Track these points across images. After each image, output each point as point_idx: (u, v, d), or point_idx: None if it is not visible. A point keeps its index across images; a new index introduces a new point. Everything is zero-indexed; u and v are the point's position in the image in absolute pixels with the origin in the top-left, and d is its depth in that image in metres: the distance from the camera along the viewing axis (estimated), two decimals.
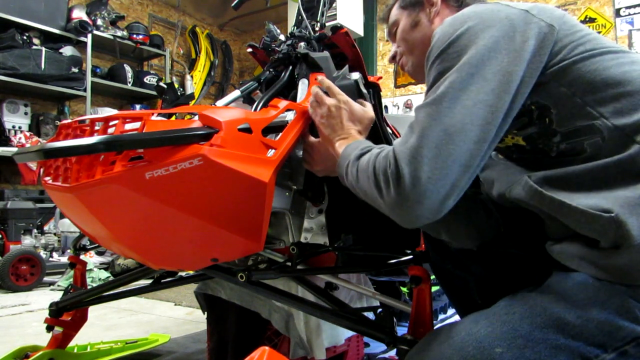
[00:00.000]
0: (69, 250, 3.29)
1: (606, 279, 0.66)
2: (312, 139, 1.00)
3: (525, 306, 0.68)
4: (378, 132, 1.12)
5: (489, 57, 0.68)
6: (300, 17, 1.34)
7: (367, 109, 0.97)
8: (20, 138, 3.95)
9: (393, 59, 1.08)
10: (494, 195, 0.86)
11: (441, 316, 2.11)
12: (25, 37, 4.06)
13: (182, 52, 6.15)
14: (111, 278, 3.05)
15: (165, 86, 1.33)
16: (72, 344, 1.55)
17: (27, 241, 3.40)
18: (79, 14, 4.45)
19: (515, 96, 0.69)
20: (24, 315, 2.40)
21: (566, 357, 0.62)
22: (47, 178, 0.94)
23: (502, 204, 0.86)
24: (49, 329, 1.49)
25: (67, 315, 1.50)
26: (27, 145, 3.87)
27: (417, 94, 5.34)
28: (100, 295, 1.46)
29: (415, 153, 0.65)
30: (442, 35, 0.74)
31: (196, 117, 0.87)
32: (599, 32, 4.04)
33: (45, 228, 3.69)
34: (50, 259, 3.52)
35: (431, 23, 0.98)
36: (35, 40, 4.14)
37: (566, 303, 0.65)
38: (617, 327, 0.62)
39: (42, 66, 4.02)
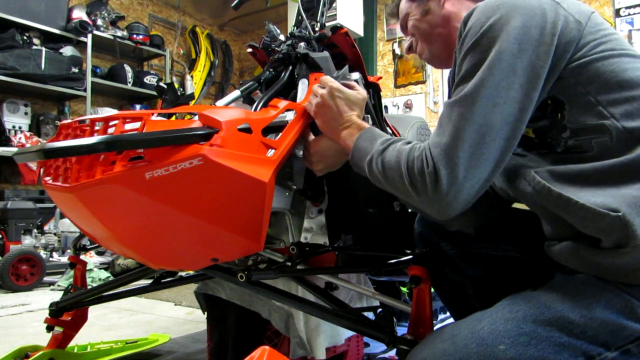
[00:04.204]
0: (69, 250, 3.28)
1: (608, 278, 0.66)
2: (312, 137, 1.00)
3: (529, 304, 0.68)
4: None
5: (519, 50, 0.69)
6: (300, 17, 1.34)
7: (359, 91, 0.97)
8: (20, 138, 3.95)
9: (410, 49, 1.09)
10: (496, 186, 0.86)
11: (441, 316, 2.11)
12: (25, 37, 4.06)
13: (182, 52, 6.14)
14: (111, 278, 3.05)
15: (165, 86, 1.32)
16: (72, 344, 1.54)
17: (27, 241, 3.40)
18: (79, 14, 4.45)
19: (540, 92, 0.70)
20: (24, 315, 2.40)
21: (569, 355, 0.63)
22: (47, 178, 0.94)
23: (502, 198, 0.86)
24: (49, 329, 1.49)
25: (67, 315, 1.50)
26: (27, 145, 3.87)
27: (417, 94, 5.33)
28: (100, 295, 1.46)
29: (451, 154, 0.68)
30: (475, 24, 0.74)
31: (196, 117, 0.87)
32: None
33: (46, 228, 3.69)
34: (50, 259, 3.52)
35: (442, 7, 0.98)
36: (36, 40, 4.13)
37: (570, 302, 0.66)
38: (620, 326, 0.63)
39: (42, 66, 4.02)
